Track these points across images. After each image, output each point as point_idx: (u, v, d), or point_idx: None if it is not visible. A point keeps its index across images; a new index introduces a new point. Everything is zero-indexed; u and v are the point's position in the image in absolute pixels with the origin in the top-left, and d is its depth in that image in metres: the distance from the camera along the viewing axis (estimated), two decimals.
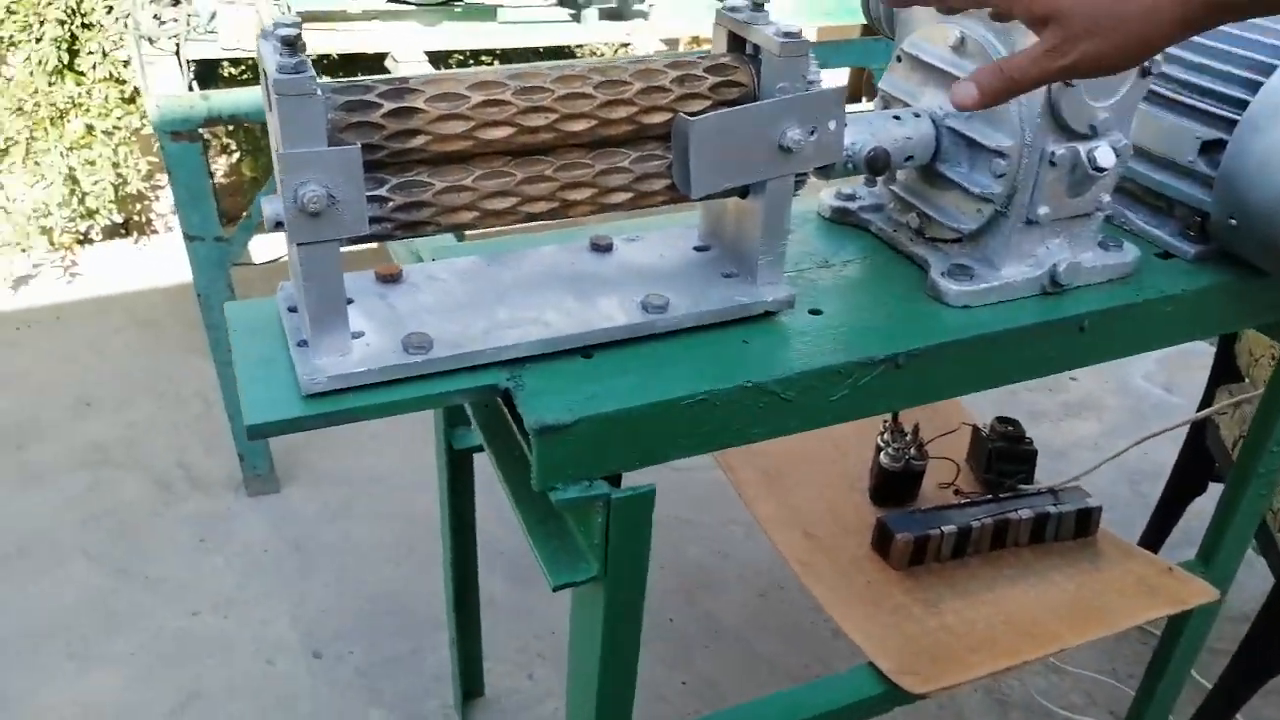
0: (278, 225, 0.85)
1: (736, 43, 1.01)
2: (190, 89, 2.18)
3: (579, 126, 0.92)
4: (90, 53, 3.18)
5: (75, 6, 3.12)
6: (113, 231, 3.75)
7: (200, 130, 2.09)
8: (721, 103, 0.98)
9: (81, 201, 3.32)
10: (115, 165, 3.28)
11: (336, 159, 0.81)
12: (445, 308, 0.99)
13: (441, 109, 0.86)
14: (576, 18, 2.65)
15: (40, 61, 3.13)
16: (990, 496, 1.68)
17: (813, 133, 0.98)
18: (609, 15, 2.68)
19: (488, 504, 1.80)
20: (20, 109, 3.18)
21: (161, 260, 3.67)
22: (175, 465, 2.71)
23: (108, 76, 3.21)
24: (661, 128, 0.97)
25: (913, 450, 1.65)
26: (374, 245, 0.98)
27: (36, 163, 3.24)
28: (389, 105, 0.84)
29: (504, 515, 1.01)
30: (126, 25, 2.33)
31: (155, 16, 2.35)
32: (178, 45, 2.27)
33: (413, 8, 2.49)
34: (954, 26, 1.10)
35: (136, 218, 3.84)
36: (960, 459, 1.78)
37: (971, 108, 0.86)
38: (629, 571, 0.99)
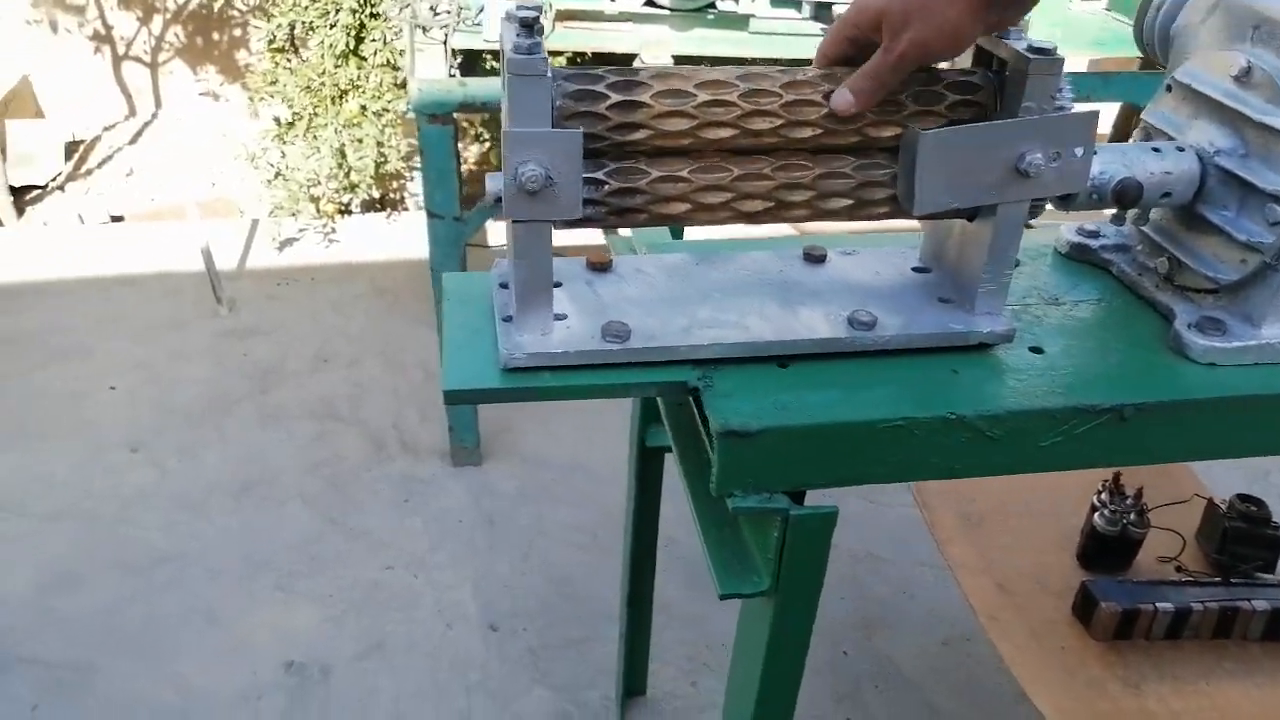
0: (498, 201, 0.87)
1: (983, 58, 0.96)
2: (451, 76, 2.32)
3: (804, 134, 0.90)
4: (374, 40, 3.46)
5: None
6: (370, 205, 4.06)
7: (454, 115, 2.21)
8: (956, 122, 0.93)
9: (347, 175, 3.61)
10: (379, 144, 3.54)
11: (559, 141, 0.83)
12: (648, 301, 1.00)
13: (667, 105, 0.86)
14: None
15: (331, 45, 3.43)
16: (1219, 579, 1.51)
17: (1056, 158, 0.92)
18: None
19: (675, 507, 1.80)
20: (309, 87, 3.49)
21: (407, 235, 3.92)
22: (391, 427, 2.89)
23: (385, 63, 3.47)
24: (890, 141, 0.93)
25: (1132, 515, 1.51)
26: (592, 234, 0.99)
27: (315, 136, 3.55)
28: (616, 97, 0.85)
29: (689, 520, 1.02)
30: (404, 14, 2.51)
31: (431, 7, 2.51)
32: (446, 35, 2.42)
33: (667, 12, 2.54)
34: (1239, 54, 0.99)
35: (392, 194, 4.13)
36: (1189, 533, 1.62)
37: (849, 113, 0.89)
38: (801, 592, 0.96)
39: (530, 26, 0.80)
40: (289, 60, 3.55)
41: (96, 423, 2.84)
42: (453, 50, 2.38)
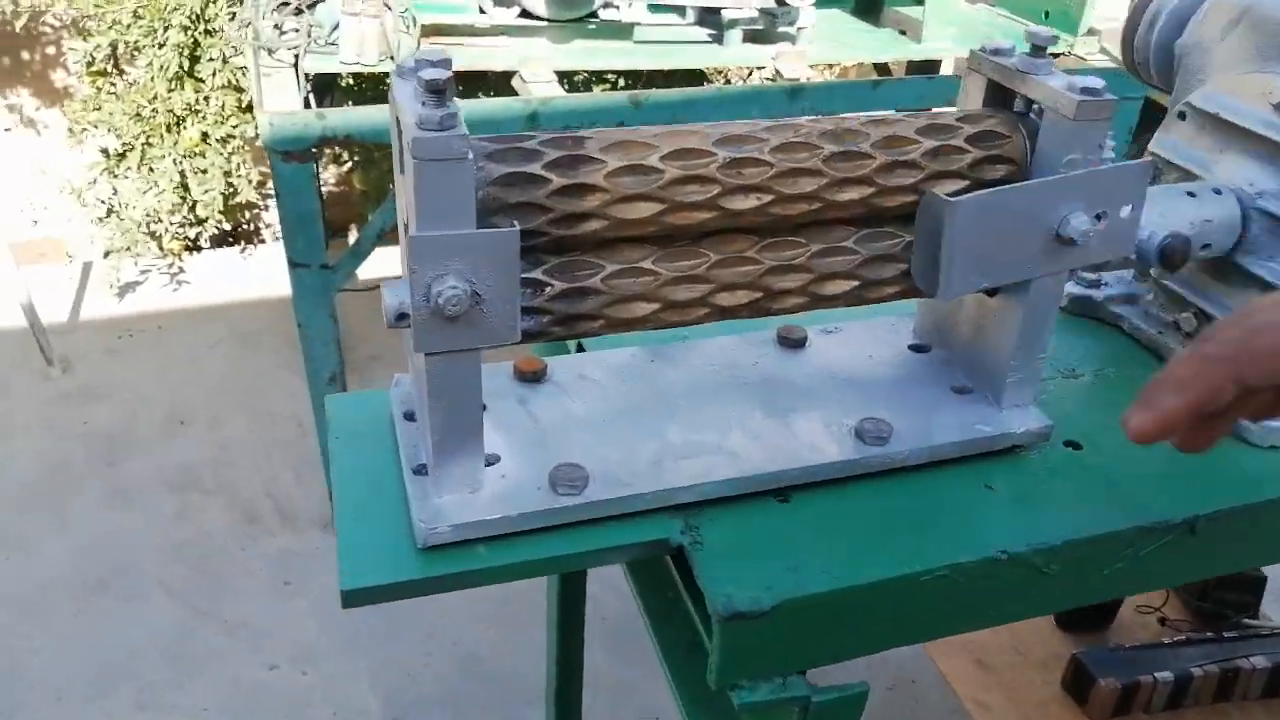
0: (400, 319, 0.63)
1: (1000, 97, 0.77)
2: (306, 105, 2.03)
3: (797, 209, 0.69)
4: (211, 59, 3.09)
5: (200, 12, 3.03)
6: (220, 239, 3.67)
7: (313, 149, 1.93)
8: (980, 183, 0.73)
9: (192, 210, 3.23)
10: (227, 174, 3.17)
11: (488, 246, 0.59)
12: (601, 421, 0.77)
13: (626, 186, 0.64)
14: (718, 38, 2.43)
15: (162, 67, 3.04)
16: (1212, 635, 1.39)
17: (1100, 219, 0.73)
18: (753, 37, 2.45)
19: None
20: (138, 114, 3.10)
21: (267, 270, 3.56)
22: (263, 494, 2.56)
23: (226, 84, 3.11)
24: (901, 209, 0.73)
25: None
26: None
27: (150, 169, 3.16)
28: (558, 180, 0.62)
29: (608, 576, 0.83)
30: (244, 34, 2.20)
31: (276, 26, 2.20)
32: (296, 58, 2.12)
33: (544, 24, 2.30)
34: (1278, 78, 0.84)
35: (245, 226, 3.76)
36: None
37: (1147, 438, 0.58)
38: None
39: (441, 92, 0.56)
40: (113, 84, 3.15)
41: None
42: (305, 75, 2.09)
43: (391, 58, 2.10)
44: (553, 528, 0.69)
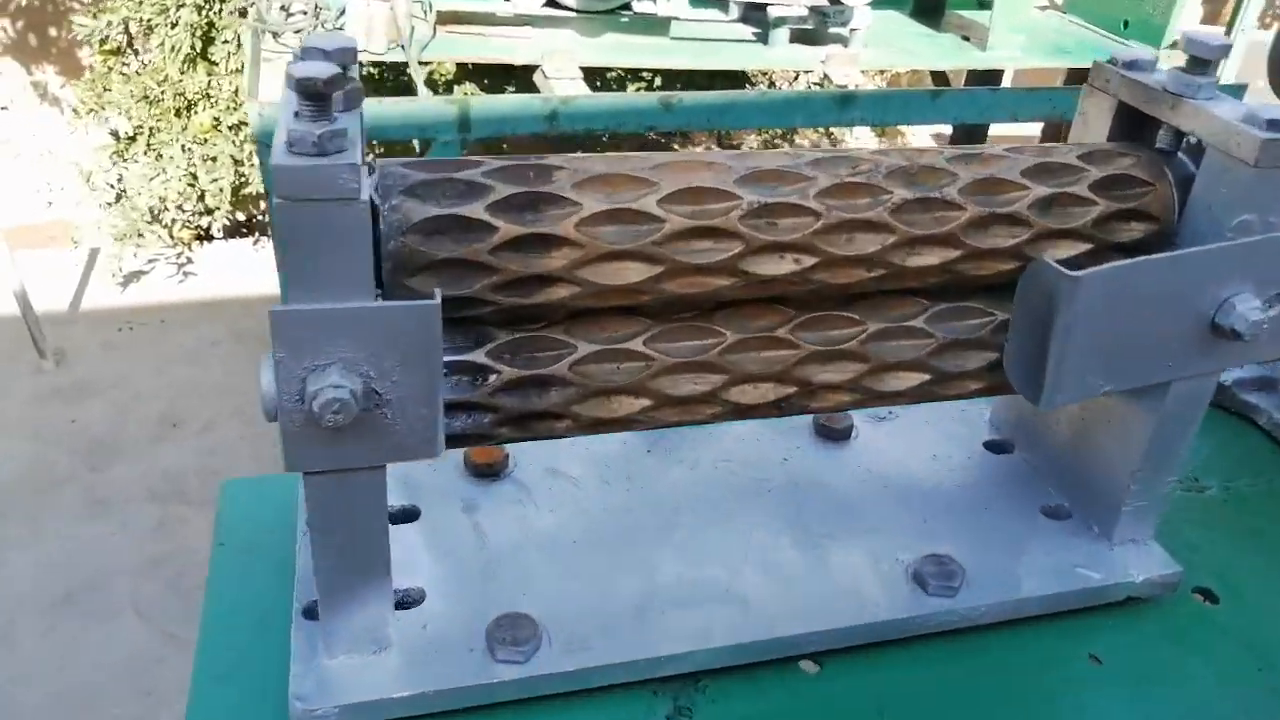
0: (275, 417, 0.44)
1: (1131, 125, 0.56)
2: None
3: (852, 277, 0.49)
4: (225, 42, 2.93)
5: None
6: (234, 229, 3.51)
7: None
8: (1108, 248, 0.53)
9: (201, 199, 3.08)
10: (237, 163, 3.01)
11: (393, 324, 0.40)
12: (570, 543, 0.57)
13: (607, 238, 0.44)
14: (763, 38, 2.22)
15: (174, 48, 2.89)
16: None
17: (1274, 302, 0.53)
18: (801, 38, 2.24)
19: None
20: (146, 97, 2.95)
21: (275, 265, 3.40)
22: None
23: (240, 68, 2.95)
24: (996, 277, 0.53)
25: None
26: None
27: (158, 155, 3.01)
28: (509, 228, 0.42)
29: None
30: (244, 18, 2.03)
31: (283, 7, 2.03)
32: (300, 43, 1.95)
33: (572, 14, 2.11)
34: None
35: (260, 216, 3.60)
36: None
37: None
38: None
39: (321, 99, 0.36)
40: (125, 64, 3.00)
41: None
42: None
43: (402, 46, 1.92)
44: (486, 707, 0.49)
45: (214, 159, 2.96)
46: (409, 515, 0.58)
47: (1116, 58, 0.57)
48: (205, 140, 2.92)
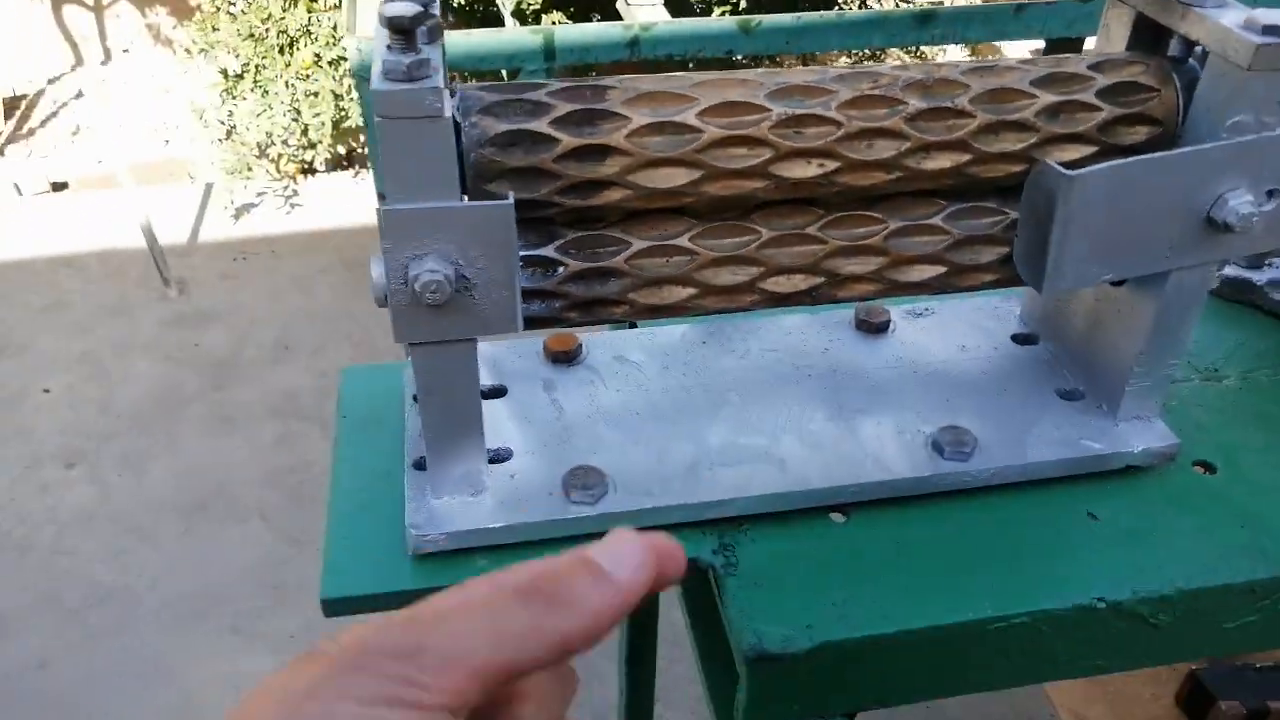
0: (386, 301, 0.54)
1: (1149, 35, 0.62)
2: None
3: (872, 179, 0.57)
4: None
5: None
6: (336, 162, 3.68)
7: None
8: (1114, 150, 0.59)
9: (304, 133, 3.24)
10: (338, 97, 3.16)
11: (476, 221, 0.50)
12: (634, 415, 0.67)
13: (654, 147, 0.53)
14: None
15: None
16: None
17: (1270, 197, 0.58)
18: None
19: None
20: (253, 35, 3.10)
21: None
22: None
23: (338, 4, 3.07)
24: (1008, 179, 0.60)
25: None
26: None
27: (265, 91, 3.17)
28: (569, 140, 0.51)
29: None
30: None
31: None
32: None
33: None
34: None
35: (360, 150, 3.75)
36: None
37: None
38: None
39: (407, 33, 0.46)
40: (232, 4, 3.15)
41: (29, 432, 2.53)
42: None
43: None
44: (563, 539, 0.60)
45: (316, 94, 3.10)
46: (498, 393, 0.68)
47: None
48: (308, 76, 3.06)
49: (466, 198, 0.52)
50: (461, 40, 1.84)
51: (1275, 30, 0.52)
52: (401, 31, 0.45)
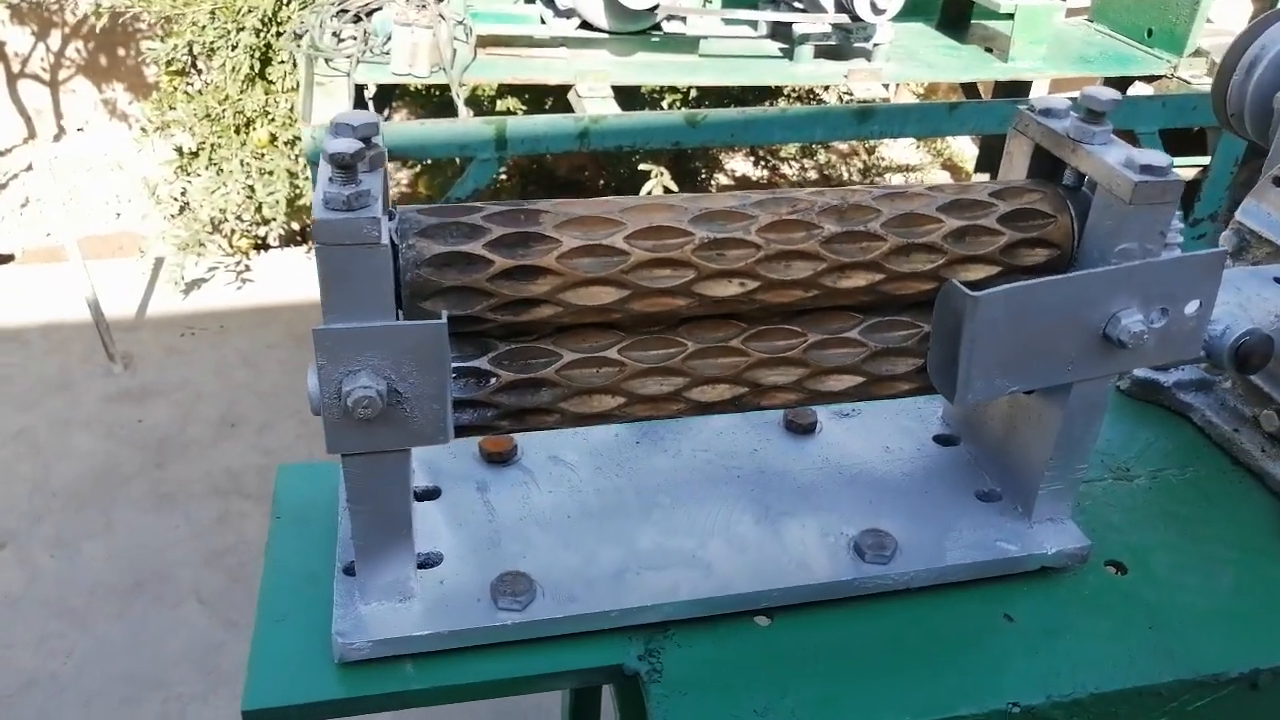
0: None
1: (1046, 165, 0.66)
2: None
3: (790, 296, 0.60)
4: (282, 61, 3.10)
5: (272, 15, 3.04)
6: (289, 238, 3.69)
7: None
8: (1015, 270, 0.63)
9: (258, 210, 3.25)
10: (292, 175, 3.18)
11: (409, 339, 0.51)
12: (565, 518, 0.69)
13: (584, 268, 0.55)
14: (789, 54, 2.32)
15: (234, 69, 3.06)
16: None
17: (1161, 317, 0.62)
18: (826, 53, 2.33)
19: None
20: (209, 115, 3.12)
21: None
22: None
23: (295, 87, 3.11)
24: (919, 295, 0.63)
25: None
26: None
27: (220, 169, 3.18)
28: (503, 261, 0.54)
29: None
30: (298, 43, 2.17)
31: (335, 34, 2.17)
32: (351, 67, 2.09)
33: (605, 36, 2.23)
34: None
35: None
36: None
37: None
38: None
39: (348, 169, 0.48)
40: (189, 84, 3.18)
41: None
42: (356, 85, 2.05)
43: (445, 69, 2.05)
44: (490, 645, 0.61)
45: (271, 172, 3.12)
46: (432, 494, 0.70)
47: (1034, 105, 0.67)
48: (263, 155, 3.09)
49: (402, 314, 0.54)
50: (416, 129, 1.88)
51: (1151, 169, 0.57)
52: (343, 166, 0.48)
